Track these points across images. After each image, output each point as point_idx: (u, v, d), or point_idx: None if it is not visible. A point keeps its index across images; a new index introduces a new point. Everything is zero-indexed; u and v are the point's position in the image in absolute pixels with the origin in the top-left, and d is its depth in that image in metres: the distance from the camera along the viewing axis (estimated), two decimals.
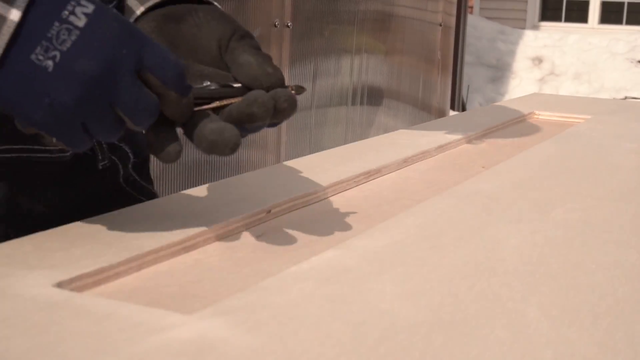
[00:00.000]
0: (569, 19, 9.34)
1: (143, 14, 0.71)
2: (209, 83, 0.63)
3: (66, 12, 0.55)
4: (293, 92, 0.63)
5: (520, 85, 8.20)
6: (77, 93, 0.55)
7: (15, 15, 0.54)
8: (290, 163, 0.91)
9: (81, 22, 0.55)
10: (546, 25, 9.31)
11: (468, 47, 7.84)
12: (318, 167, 0.90)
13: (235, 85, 0.63)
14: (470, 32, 8.19)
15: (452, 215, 0.73)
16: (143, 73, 0.58)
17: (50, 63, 0.54)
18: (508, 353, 0.46)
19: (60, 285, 0.54)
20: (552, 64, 8.43)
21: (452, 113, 5.39)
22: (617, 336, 0.49)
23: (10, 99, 0.55)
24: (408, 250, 0.63)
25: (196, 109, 0.61)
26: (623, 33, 8.73)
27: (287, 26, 2.98)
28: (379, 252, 0.62)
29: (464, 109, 7.04)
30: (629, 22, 9.10)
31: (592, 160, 0.99)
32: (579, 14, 9.30)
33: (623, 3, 9.15)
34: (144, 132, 0.60)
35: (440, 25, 4.72)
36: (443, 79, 4.87)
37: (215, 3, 0.73)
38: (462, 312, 0.51)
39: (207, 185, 0.81)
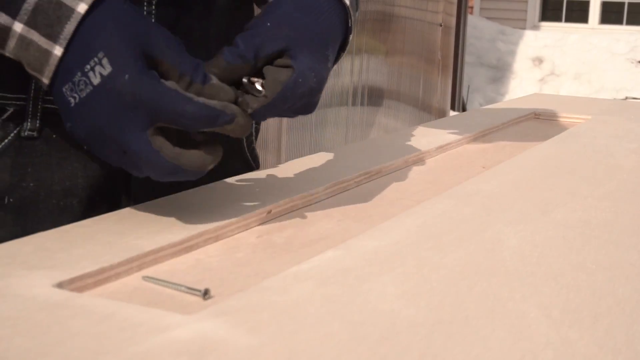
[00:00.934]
0: (570, 19, 9.33)
1: None
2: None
3: (88, 67, 0.61)
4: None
5: (521, 85, 8.20)
6: (88, 133, 0.63)
7: (58, 50, 0.62)
8: (290, 163, 0.91)
9: (96, 80, 0.61)
10: (546, 25, 9.30)
11: (468, 48, 7.84)
12: (318, 167, 0.90)
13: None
14: (471, 33, 8.19)
15: (452, 215, 0.73)
16: (163, 127, 0.63)
17: (72, 100, 0.62)
18: (508, 353, 0.46)
19: (60, 285, 0.54)
20: (552, 64, 8.43)
21: (452, 113, 5.39)
22: (617, 336, 0.49)
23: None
24: (408, 250, 0.63)
25: None
26: (623, 33, 8.73)
27: None
28: (379, 252, 0.62)
29: (464, 110, 7.04)
30: (629, 23, 9.09)
31: (592, 160, 0.99)
32: (579, 14, 9.30)
33: (623, 3, 9.14)
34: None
35: (441, 25, 4.71)
36: (443, 79, 4.86)
37: None
38: (462, 312, 0.51)
39: (207, 185, 0.81)
